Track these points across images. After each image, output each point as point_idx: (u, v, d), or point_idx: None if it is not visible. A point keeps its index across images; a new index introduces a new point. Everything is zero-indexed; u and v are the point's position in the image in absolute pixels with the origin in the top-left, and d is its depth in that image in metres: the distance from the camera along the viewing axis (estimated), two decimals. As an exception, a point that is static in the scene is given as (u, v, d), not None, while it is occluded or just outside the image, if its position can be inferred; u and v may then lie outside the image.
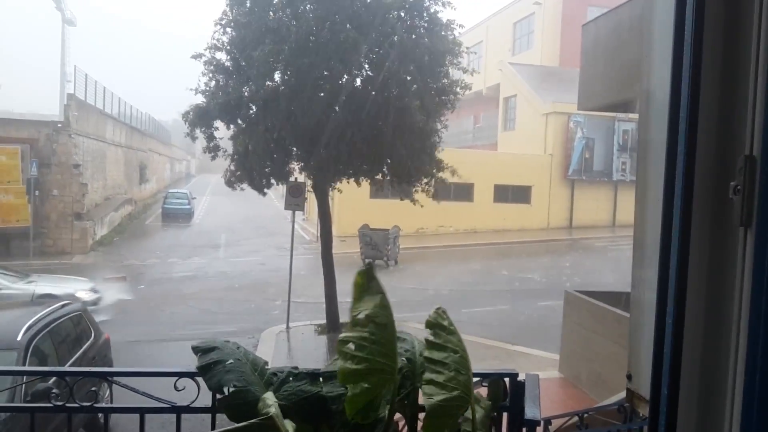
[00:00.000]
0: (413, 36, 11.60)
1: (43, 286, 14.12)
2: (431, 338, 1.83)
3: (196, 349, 1.96)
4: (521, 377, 2.20)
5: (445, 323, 1.87)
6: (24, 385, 4.92)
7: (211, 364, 1.87)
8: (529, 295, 16.97)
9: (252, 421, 1.59)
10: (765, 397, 0.98)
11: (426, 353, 1.80)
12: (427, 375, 1.75)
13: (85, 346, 7.78)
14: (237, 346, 2.00)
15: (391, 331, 1.74)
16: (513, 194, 31.32)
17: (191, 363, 2.07)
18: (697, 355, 1.14)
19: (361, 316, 1.72)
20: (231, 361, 1.88)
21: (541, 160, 31.76)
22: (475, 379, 2.10)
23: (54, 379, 4.68)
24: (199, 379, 2.23)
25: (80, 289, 14.28)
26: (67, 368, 6.12)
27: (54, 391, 2.83)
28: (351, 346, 1.69)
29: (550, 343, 11.23)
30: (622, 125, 31.21)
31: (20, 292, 13.64)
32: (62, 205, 24.21)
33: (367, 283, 1.78)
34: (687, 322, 1.13)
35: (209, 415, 2.23)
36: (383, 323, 1.73)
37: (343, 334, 1.75)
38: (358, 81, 12.08)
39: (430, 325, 1.86)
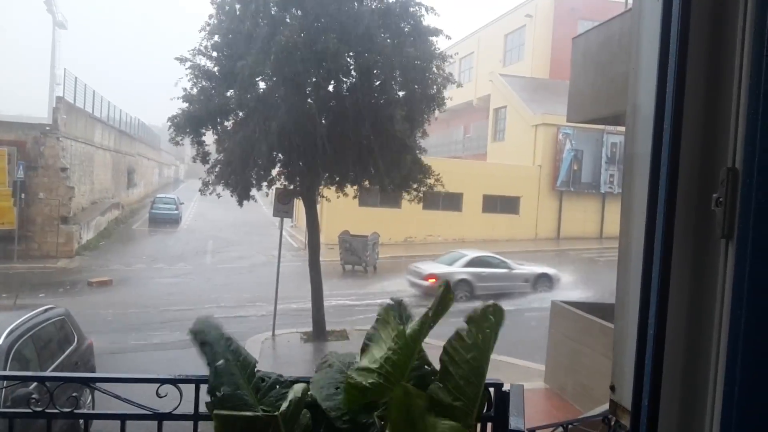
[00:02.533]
0: (398, 42, 11.64)
1: (534, 268, 19.29)
2: (463, 336, 1.82)
3: (193, 333, 1.94)
4: (506, 387, 2.19)
5: (485, 324, 1.86)
6: (4, 390, 4.84)
7: (208, 356, 1.87)
8: (515, 305, 16.97)
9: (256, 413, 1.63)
10: (744, 408, 0.99)
11: (450, 347, 1.80)
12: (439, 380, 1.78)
13: (67, 351, 7.69)
14: (228, 340, 1.98)
15: (412, 349, 1.79)
16: (501, 204, 31.45)
17: (174, 370, 2.04)
18: (678, 366, 1.14)
19: (410, 326, 1.80)
20: (221, 362, 1.86)
21: (530, 171, 31.94)
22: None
23: (35, 384, 4.62)
24: (182, 386, 2.21)
25: (553, 271, 19.51)
26: (47, 373, 6.05)
27: (34, 396, 2.79)
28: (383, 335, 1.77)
29: (536, 353, 11.24)
30: (611, 138, 31.48)
31: (526, 272, 19.00)
32: (48, 208, 24.00)
33: (440, 302, 1.82)
34: (668, 333, 1.13)
35: (191, 423, 2.21)
36: (413, 338, 1.78)
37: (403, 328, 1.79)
38: (345, 88, 12.09)
39: (470, 319, 1.84)
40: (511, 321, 1.83)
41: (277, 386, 1.93)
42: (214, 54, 12.23)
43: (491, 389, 2.16)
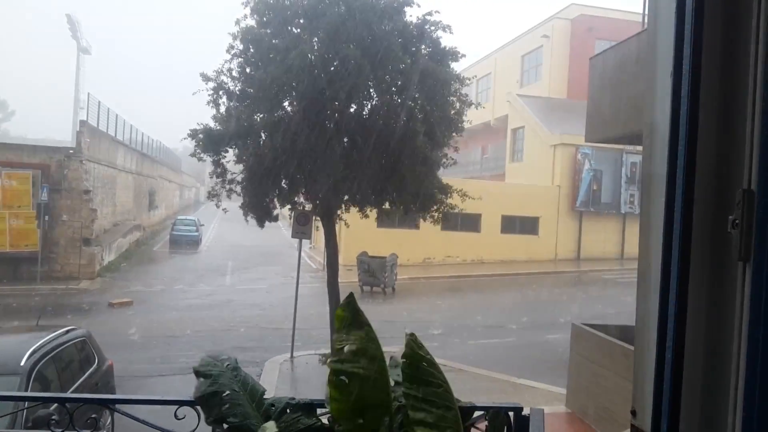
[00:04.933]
0: (418, 64, 11.73)
1: None
2: (408, 371, 1.70)
3: (197, 372, 1.95)
4: (526, 411, 2.16)
5: (422, 352, 1.77)
6: (25, 410, 4.88)
7: (207, 396, 1.85)
8: (535, 328, 16.80)
9: None
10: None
11: (404, 389, 1.67)
12: (414, 415, 1.64)
13: (88, 372, 7.74)
14: (235, 371, 1.97)
15: (381, 364, 1.70)
16: (520, 225, 31.27)
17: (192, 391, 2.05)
18: (697, 391, 1.12)
19: (350, 348, 1.66)
20: (228, 392, 1.84)
21: (549, 192, 31.77)
22: (478, 413, 2.07)
23: (56, 405, 4.65)
24: (200, 408, 2.21)
25: None
26: (68, 394, 6.09)
27: (54, 417, 2.81)
28: (344, 378, 1.63)
29: (557, 376, 11.09)
30: (630, 157, 31.26)
31: None
32: (71, 230, 24.35)
33: (351, 316, 1.73)
34: (686, 356, 1.12)
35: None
36: (373, 356, 1.68)
37: (334, 364, 1.67)
38: (366, 109, 12.19)
39: (407, 356, 1.73)
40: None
41: (288, 410, 1.92)
42: (237, 75, 12.42)
43: (511, 414, 2.13)
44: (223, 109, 12.49)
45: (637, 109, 8.34)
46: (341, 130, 11.77)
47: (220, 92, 12.41)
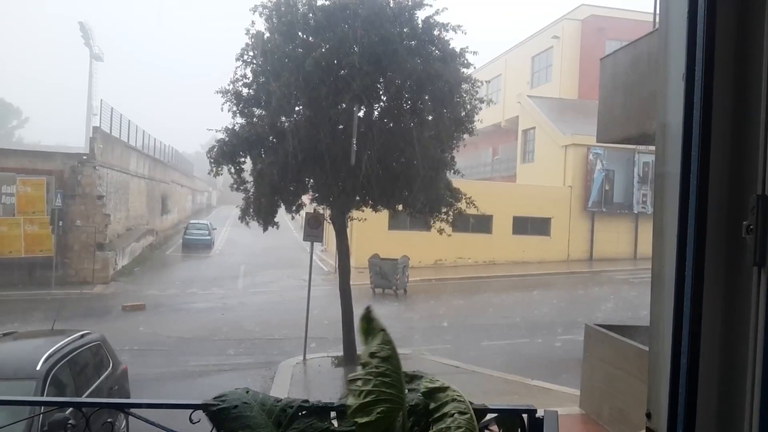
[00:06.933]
0: (427, 66, 11.73)
1: None
2: (433, 404, 1.83)
3: (214, 400, 1.97)
4: (539, 413, 2.15)
5: (438, 384, 1.87)
6: (42, 415, 4.93)
7: (217, 412, 1.87)
8: (547, 329, 16.71)
9: None
10: None
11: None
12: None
13: (103, 376, 7.80)
14: (246, 390, 2.00)
15: (395, 363, 1.75)
16: (532, 226, 31.15)
17: (208, 395, 2.06)
18: (713, 394, 1.12)
19: (366, 355, 1.76)
20: (237, 405, 1.87)
21: (561, 192, 31.63)
22: (491, 415, 2.07)
23: (71, 409, 4.69)
24: (214, 412, 2.23)
25: None
26: (83, 399, 6.13)
27: (70, 421, 2.84)
28: (359, 383, 1.70)
29: (571, 377, 11.03)
30: (643, 157, 31.06)
31: None
32: (85, 235, 24.56)
33: (368, 326, 1.82)
34: (702, 360, 1.11)
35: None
36: (386, 356, 1.74)
37: (352, 374, 1.77)
38: (376, 112, 12.20)
39: (426, 395, 1.86)
40: None
41: (300, 414, 1.93)
42: (250, 82, 12.47)
43: (524, 415, 2.12)
44: (237, 117, 12.56)
45: (648, 109, 8.29)
46: (351, 133, 11.78)
47: (235, 101, 12.49)
